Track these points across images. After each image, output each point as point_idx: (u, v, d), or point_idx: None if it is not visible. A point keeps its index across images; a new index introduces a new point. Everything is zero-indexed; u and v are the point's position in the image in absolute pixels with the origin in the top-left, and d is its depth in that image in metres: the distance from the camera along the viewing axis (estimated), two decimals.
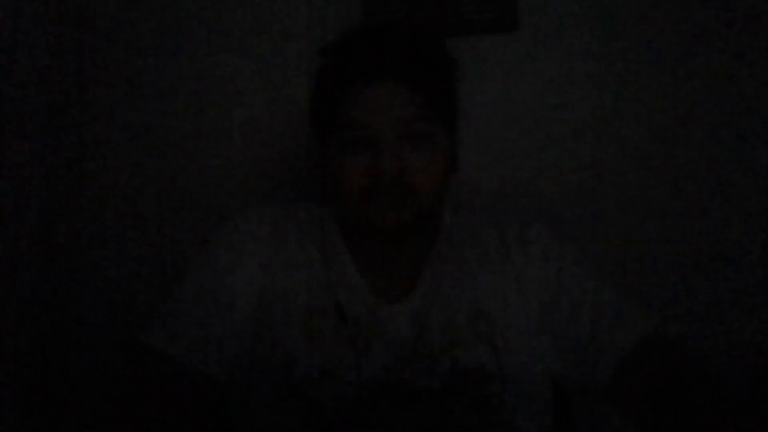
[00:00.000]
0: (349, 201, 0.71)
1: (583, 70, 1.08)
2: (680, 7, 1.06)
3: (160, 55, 1.19)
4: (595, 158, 1.07)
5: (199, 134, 1.17)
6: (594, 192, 1.06)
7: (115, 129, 1.20)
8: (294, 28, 1.16)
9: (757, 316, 1.00)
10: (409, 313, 0.72)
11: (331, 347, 0.68)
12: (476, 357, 0.69)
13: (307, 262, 0.75)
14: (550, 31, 1.09)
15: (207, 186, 1.16)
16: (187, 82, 1.19)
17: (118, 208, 1.18)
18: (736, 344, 1.00)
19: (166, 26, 1.20)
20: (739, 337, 1.00)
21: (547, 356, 0.73)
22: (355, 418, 0.65)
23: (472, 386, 0.67)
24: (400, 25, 0.83)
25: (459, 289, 0.75)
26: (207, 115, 1.18)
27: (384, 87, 0.70)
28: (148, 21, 1.21)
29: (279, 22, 1.17)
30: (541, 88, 1.09)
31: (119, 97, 1.20)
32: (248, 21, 1.18)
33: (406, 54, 0.72)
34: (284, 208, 0.81)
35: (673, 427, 0.68)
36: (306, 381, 0.66)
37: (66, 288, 1.15)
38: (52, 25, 1.11)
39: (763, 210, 1.02)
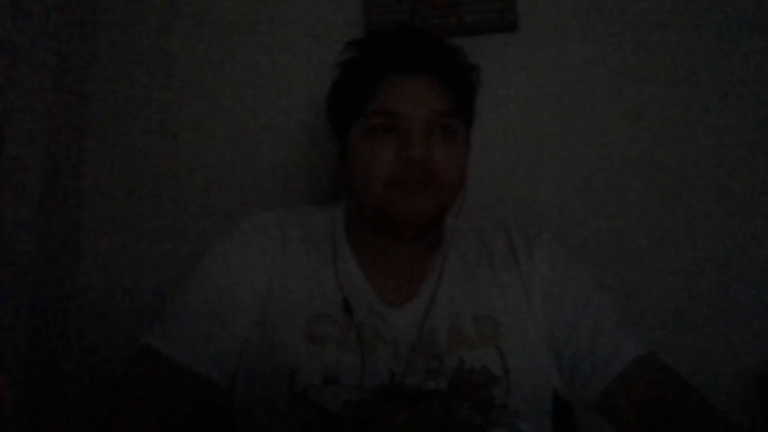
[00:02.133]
0: (375, 187, 0.71)
1: (582, 71, 1.08)
2: (679, 7, 1.06)
3: (163, 56, 1.20)
4: (595, 158, 1.07)
5: (202, 136, 1.17)
6: (593, 192, 1.06)
7: (118, 131, 1.20)
8: (296, 33, 1.16)
9: (758, 322, 1.00)
10: (414, 316, 0.72)
11: (335, 353, 0.68)
12: (481, 358, 0.69)
13: (312, 267, 0.75)
14: (550, 31, 1.10)
15: (208, 189, 1.16)
16: (190, 85, 1.19)
17: (120, 211, 1.18)
18: (736, 349, 0.99)
19: (169, 28, 1.20)
20: (740, 342, 1.00)
21: (547, 367, 0.73)
22: (358, 422, 0.65)
23: (476, 388, 0.67)
24: (426, 29, 0.84)
25: (464, 292, 0.75)
26: (208, 117, 1.18)
27: (418, 79, 0.73)
28: (151, 22, 1.21)
29: (280, 27, 1.17)
30: (541, 89, 1.09)
31: (122, 99, 1.20)
32: (251, 25, 1.18)
33: (440, 51, 0.75)
34: (290, 214, 0.81)
35: None
36: (310, 388, 0.66)
37: (66, 289, 1.15)
38: (54, 23, 1.11)
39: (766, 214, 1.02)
